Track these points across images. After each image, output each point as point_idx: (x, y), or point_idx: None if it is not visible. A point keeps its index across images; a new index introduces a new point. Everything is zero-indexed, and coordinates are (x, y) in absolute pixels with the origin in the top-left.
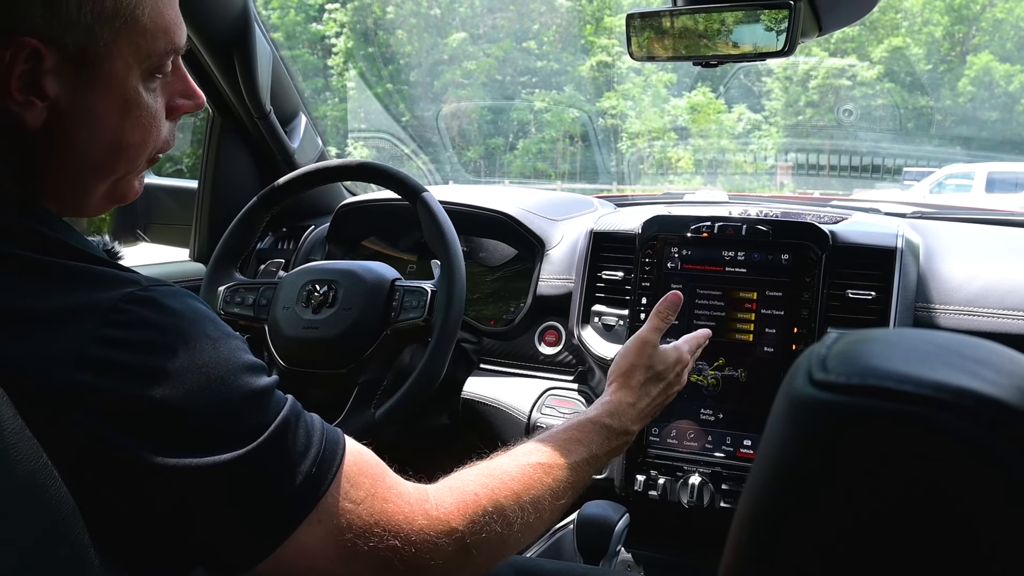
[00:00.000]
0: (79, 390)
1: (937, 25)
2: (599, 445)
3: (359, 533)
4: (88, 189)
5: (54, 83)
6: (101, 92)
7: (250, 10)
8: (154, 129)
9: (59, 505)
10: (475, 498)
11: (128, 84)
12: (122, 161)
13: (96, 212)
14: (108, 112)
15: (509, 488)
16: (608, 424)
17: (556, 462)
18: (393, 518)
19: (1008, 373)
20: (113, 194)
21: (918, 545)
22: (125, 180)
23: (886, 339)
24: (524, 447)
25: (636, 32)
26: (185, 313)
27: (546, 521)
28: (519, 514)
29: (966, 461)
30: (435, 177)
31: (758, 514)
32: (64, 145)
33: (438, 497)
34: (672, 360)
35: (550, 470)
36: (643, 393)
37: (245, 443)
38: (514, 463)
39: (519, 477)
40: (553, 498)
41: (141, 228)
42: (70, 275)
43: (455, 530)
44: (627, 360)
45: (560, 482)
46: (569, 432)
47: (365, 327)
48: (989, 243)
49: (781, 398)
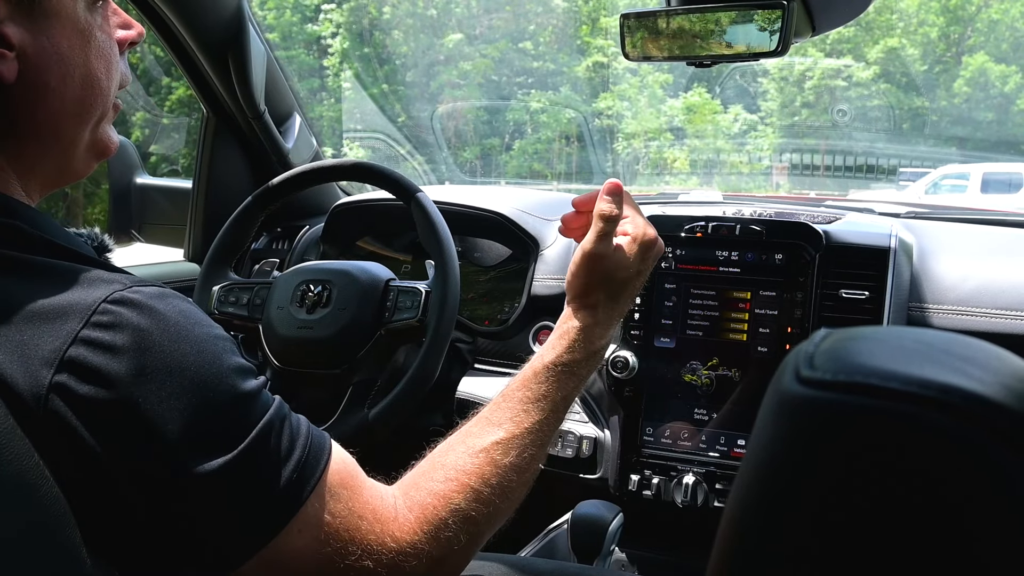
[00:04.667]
0: (60, 392)
1: (933, 26)
2: (561, 387)
3: (337, 549)
4: (72, 139)
5: (15, 30)
6: (58, 28)
7: (244, 11)
8: (114, 59)
9: (50, 506)
10: (434, 511)
11: (77, 14)
12: (96, 97)
13: (85, 171)
14: (72, 47)
15: (467, 487)
16: (568, 360)
17: (515, 432)
18: (366, 538)
19: (994, 370)
20: (95, 145)
21: (903, 542)
22: (101, 127)
23: (874, 337)
24: (478, 425)
25: (630, 32)
26: (169, 315)
27: (520, 496)
28: (483, 510)
29: (952, 458)
30: (431, 178)
31: (745, 511)
32: (43, 91)
33: (402, 513)
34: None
35: (508, 447)
36: (608, 305)
37: (228, 449)
38: (468, 454)
39: (475, 471)
40: (519, 473)
41: (136, 228)
42: (54, 274)
43: (420, 550)
44: (579, 280)
45: (524, 455)
46: (526, 390)
47: (359, 327)
48: (983, 243)
49: (770, 395)
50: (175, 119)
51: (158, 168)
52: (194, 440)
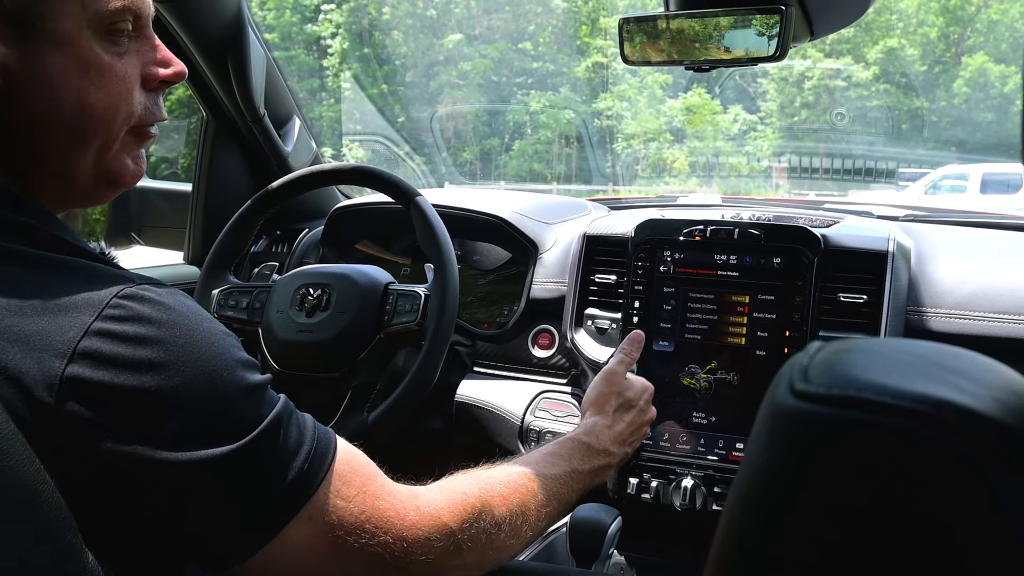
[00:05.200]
0: (73, 383)
1: (932, 26)
2: (579, 460)
3: (350, 530)
4: (71, 165)
5: (2, 48)
6: (53, 52)
7: (244, 14)
8: (123, 94)
9: (51, 509)
10: (464, 497)
11: (80, 44)
12: (93, 128)
13: (95, 198)
14: (65, 72)
15: (497, 491)
16: (586, 442)
17: (540, 471)
18: (384, 514)
19: (986, 384)
20: (104, 174)
21: (896, 555)
22: (111, 156)
23: (867, 349)
24: (509, 460)
25: (629, 36)
26: (179, 308)
27: (532, 526)
28: (507, 517)
29: (944, 472)
30: (429, 179)
31: (740, 521)
32: (25, 111)
33: (428, 496)
34: (640, 387)
35: (534, 478)
36: (617, 417)
37: (238, 438)
38: (500, 470)
39: (506, 482)
40: (538, 505)
41: (135, 231)
42: (67, 270)
43: (445, 526)
44: (597, 389)
45: (544, 489)
46: (550, 448)
47: (358, 331)
48: (981, 246)
49: (765, 407)
50: (175, 120)
51: (158, 169)
52: (204, 428)
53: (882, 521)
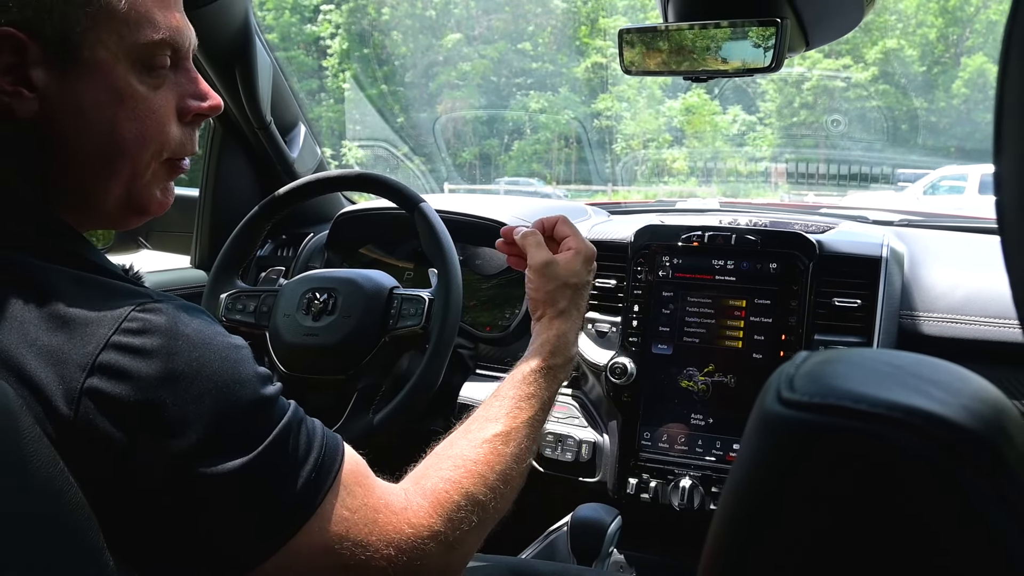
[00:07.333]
0: (92, 394)
1: (931, 27)
2: (548, 388)
3: (356, 543)
4: (98, 190)
5: (41, 73)
6: (88, 81)
7: (251, 24)
8: (155, 126)
9: (75, 510)
10: (447, 495)
11: (116, 74)
12: (123, 157)
13: (120, 223)
14: (99, 102)
15: (474, 473)
16: (554, 364)
17: (512, 426)
18: (384, 528)
19: (956, 392)
20: (131, 202)
21: (875, 555)
22: (139, 185)
23: (849, 360)
24: (477, 421)
25: (628, 47)
26: (194, 324)
27: (518, 487)
28: (490, 496)
29: (916, 475)
30: (429, 179)
31: (730, 522)
32: (58, 136)
33: (415, 501)
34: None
35: (508, 438)
36: (573, 311)
37: (249, 450)
38: (472, 445)
39: (481, 459)
40: (518, 463)
41: (143, 235)
42: (88, 286)
43: (437, 532)
44: (542, 290)
45: (521, 445)
46: (517, 388)
47: (364, 334)
48: (973, 252)
49: (754, 414)
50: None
51: None
52: (217, 440)
53: (860, 521)
